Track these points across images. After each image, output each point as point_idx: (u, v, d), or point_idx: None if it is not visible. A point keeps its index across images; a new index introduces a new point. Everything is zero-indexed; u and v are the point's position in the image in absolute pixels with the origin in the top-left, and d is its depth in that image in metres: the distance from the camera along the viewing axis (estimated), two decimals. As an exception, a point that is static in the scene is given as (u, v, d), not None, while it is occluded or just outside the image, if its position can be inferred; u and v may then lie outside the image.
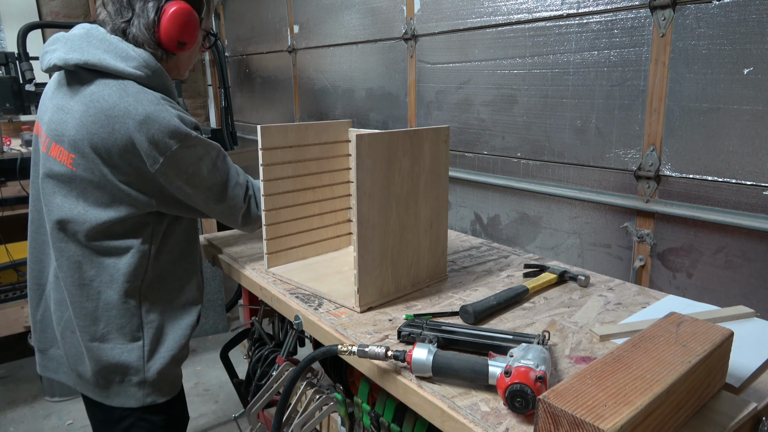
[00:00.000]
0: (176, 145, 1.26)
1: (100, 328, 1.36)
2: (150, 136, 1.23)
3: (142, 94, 1.25)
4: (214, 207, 1.42)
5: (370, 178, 1.24)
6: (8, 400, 2.99)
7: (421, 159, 1.35)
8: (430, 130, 1.36)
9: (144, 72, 1.27)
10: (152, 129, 1.23)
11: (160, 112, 1.24)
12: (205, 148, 1.33)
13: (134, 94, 1.24)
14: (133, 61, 1.26)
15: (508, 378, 0.87)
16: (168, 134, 1.25)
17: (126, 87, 1.25)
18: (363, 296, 1.29)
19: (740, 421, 0.87)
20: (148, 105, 1.24)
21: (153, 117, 1.23)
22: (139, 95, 1.25)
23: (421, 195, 1.38)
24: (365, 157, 1.21)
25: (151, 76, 1.29)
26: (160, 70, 1.30)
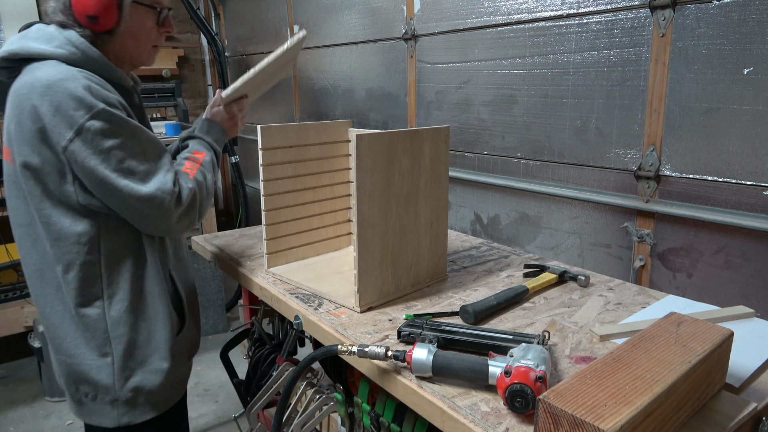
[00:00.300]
0: (83, 117, 1.12)
1: (67, 340, 1.28)
2: (54, 105, 1.12)
3: (56, 68, 1.16)
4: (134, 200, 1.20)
5: (370, 178, 1.24)
6: (8, 400, 2.98)
7: (421, 159, 1.35)
8: (430, 130, 1.36)
9: (67, 50, 1.18)
10: (56, 97, 1.12)
11: (66, 81, 1.13)
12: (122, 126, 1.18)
13: (45, 68, 1.15)
14: (55, 40, 1.19)
15: (508, 378, 0.87)
16: (73, 104, 1.12)
17: (42, 65, 1.17)
18: (363, 296, 1.29)
19: (740, 421, 0.87)
20: (54, 75, 1.14)
21: (57, 85, 1.12)
22: (50, 68, 1.15)
23: (421, 195, 1.38)
24: (365, 157, 1.21)
25: (78, 56, 1.20)
26: (90, 50, 1.21)
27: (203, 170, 1.35)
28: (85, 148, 1.14)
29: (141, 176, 1.20)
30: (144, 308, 1.32)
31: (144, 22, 1.29)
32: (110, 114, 1.15)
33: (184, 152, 1.38)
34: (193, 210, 1.29)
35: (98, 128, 1.14)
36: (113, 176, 1.17)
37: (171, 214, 1.24)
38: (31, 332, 3.03)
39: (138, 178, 1.20)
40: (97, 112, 1.13)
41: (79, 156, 1.14)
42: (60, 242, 1.23)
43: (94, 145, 1.14)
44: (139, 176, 1.20)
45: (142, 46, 1.32)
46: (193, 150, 1.39)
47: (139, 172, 1.20)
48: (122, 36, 1.27)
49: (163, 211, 1.22)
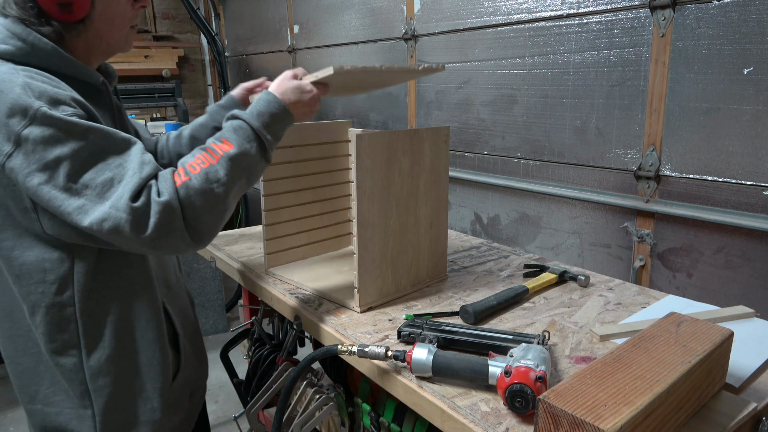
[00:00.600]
0: (19, 125, 0.90)
1: (44, 386, 1.09)
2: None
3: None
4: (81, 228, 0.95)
5: (370, 178, 1.24)
6: (8, 400, 2.98)
7: (421, 159, 1.35)
8: (430, 130, 1.36)
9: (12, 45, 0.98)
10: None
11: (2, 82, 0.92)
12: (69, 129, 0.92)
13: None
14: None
15: (508, 378, 0.87)
16: (6, 110, 0.90)
17: None
18: (363, 296, 1.29)
19: (740, 421, 0.87)
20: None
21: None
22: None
23: (421, 195, 1.38)
24: (365, 157, 1.21)
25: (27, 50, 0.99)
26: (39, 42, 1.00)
27: (215, 170, 1.00)
28: (27, 163, 0.91)
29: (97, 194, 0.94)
30: (131, 355, 1.12)
31: (119, 1, 1.07)
32: (49, 117, 0.91)
33: (212, 138, 1.07)
34: (174, 230, 0.96)
35: (38, 136, 0.90)
36: (62, 196, 0.92)
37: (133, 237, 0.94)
38: (31, 332, 3.03)
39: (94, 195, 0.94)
40: (33, 115, 0.90)
41: (20, 174, 0.92)
42: (23, 280, 1.04)
43: (36, 158, 0.91)
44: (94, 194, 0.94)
45: (119, 29, 1.10)
46: (223, 137, 1.05)
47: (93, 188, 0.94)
48: (96, 22, 1.06)
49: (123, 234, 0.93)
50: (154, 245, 0.96)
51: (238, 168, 1.03)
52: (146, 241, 0.94)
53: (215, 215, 1.01)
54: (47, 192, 0.92)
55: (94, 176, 0.93)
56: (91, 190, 0.93)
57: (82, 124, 0.93)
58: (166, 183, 0.97)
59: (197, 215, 0.98)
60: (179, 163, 1.02)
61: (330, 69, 1.09)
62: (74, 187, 0.92)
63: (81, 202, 0.92)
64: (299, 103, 1.12)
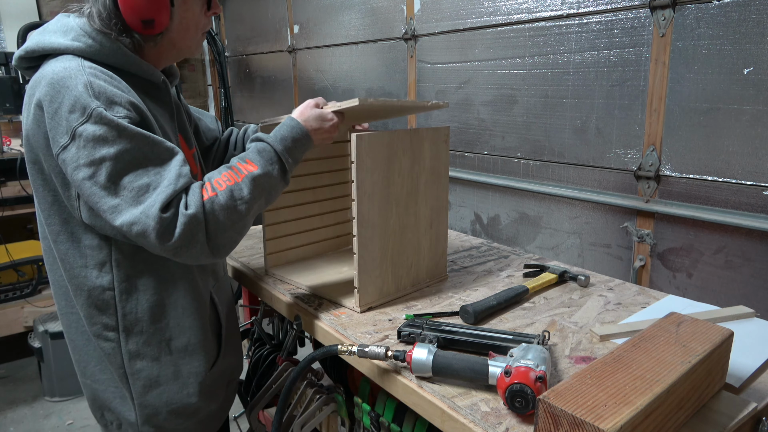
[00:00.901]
0: (77, 121, 0.97)
1: (92, 364, 1.18)
2: (54, 106, 0.99)
3: (65, 62, 1.02)
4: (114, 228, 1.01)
5: (370, 178, 1.24)
6: (8, 400, 2.98)
7: (421, 159, 1.35)
8: (430, 130, 1.36)
9: (84, 42, 1.05)
10: (57, 97, 0.99)
11: (68, 78, 0.99)
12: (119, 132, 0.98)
13: (56, 63, 1.03)
14: (71, 32, 1.06)
15: (508, 378, 0.87)
16: (69, 105, 0.98)
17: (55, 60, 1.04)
18: (363, 296, 1.29)
19: (740, 421, 0.87)
20: (60, 71, 1.00)
21: (59, 83, 0.99)
22: (59, 63, 1.02)
23: (421, 195, 1.38)
24: (365, 157, 1.21)
25: (96, 48, 1.06)
26: (103, 37, 1.06)
27: (239, 188, 1.06)
28: (77, 157, 0.98)
29: (132, 197, 0.99)
30: (168, 341, 1.17)
31: (194, 11, 1.14)
32: (103, 117, 0.97)
33: (237, 158, 1.13)
34: (195, 242, 1.01)
35: (90, 134, 0.97)
36: (101, 193, 0.99)
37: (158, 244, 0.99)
38: (31, 332, 3.03)
39: (129, 198, 0.99)
40: (90, 114, 0.97)
41: (70, 166, 0.99)
42: (65, 264, 1.12)
43: (84, 154, 0.98)
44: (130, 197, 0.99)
45: (192, 36, 1.17)
46: (248, 157, 1.11)
47: (130, 191, 0.99)
48: (173, 32, 1.13)
49: (148, 239, 0.99)
50: (176, 253, 1.02)
51: (260, 188, 1.09)
52: (169, 249, 1.01)
53: (235, 231, 1.07)
54: (89, 187, 0.99)
55: (132, 180, 1.00)
56: (128, 192, 0.99)
57: (131, 130, 1.00)
58: (195, 196, 1.02)
59: (219, 229, 1.04)
60: (206, 178, 1.08)
61: (355, 100, 1.16)
62: (113, 187, 0.99)
63: (116, 201, 0.99)
64: (320, 130, 1.19)
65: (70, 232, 1.10)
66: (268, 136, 1.15)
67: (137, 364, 1.15)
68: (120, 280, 1.11)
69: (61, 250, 1.11)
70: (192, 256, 1.04)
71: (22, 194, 2.97)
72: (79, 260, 1.10)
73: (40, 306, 3.07)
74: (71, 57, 1.04)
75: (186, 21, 1.14)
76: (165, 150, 1.04)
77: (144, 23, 1.07)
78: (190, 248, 1.02)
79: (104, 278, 1.11)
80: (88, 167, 0.98)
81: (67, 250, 1.11)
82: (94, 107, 0.97)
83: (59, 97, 0.99)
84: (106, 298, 1.11)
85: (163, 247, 1.00)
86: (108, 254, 1.10)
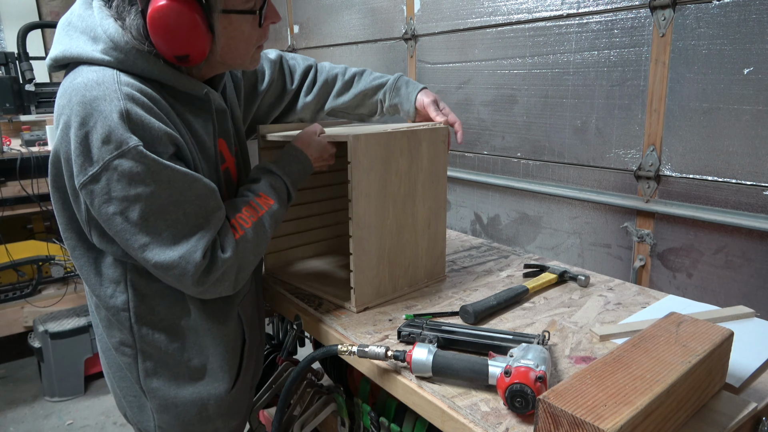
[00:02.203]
0: (111, 154, 0.90)
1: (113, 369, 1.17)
2: (83, 131, 0.91)
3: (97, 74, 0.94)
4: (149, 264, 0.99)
5: (367, 178, 1.24)
6: (8, 400, 2.98)
7: (419, 159, 1.35)
8: (428, 130, 1.36)
9: (113, 56, 0.96)
10: (87, 121, 0.90)
11: (101, 100, 0.90)
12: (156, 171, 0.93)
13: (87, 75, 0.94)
14: (100, 42, 0.96)
15: (508, 378, 0.87)
16: (102, 135, 0.90)
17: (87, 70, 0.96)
18: (359, 296, 1.29)
19: (740, 421, 0.87)
20: (92, 88, 0.92)
21: (91, 105, 0.91)
22: (92, 75, 0.93)
23: (419, 195, 1.37)
24: (361, 158, 1.21)
25: (124, 60, 0.96)
26: (136, 52, 0.97)
27: (262, 224, 1.08)
28: (106, 190, 0.92)
29: (166, 238, 0.96)
30: (188, 362, 1.12)
31: (242, 29, 1.03)
32: (143, 156, 0.91)
33: (250, 192, 1.11)
34: (225, 281, 1.02)
35: (126, 170, 0.91)
36: (132, 230, 0.95)
37: (192, 285, 0.99)
38: (31, 332, 3.03)
39: (162, 238, 0.96)
40: (128, 150, 0.90)
41: (97, 199, 0.93)
42: (84, 278, 1.09)
43: (117, 188, 0.92)
44: (163, 237, 0.96)
45: (243, 54, 1.08)
46: (262, 192, 1.11)
47: (164, 231, 0.96)
48: (219, 55, 1.05)
49: (183, 283, 0.99)
50: (203, 293, 1.03)
51: (276, 221, 1.13)
52: (197, 290, 1.01)
53: (255, 264, 1.11)
54: (119, 222, 0.95)
55: (169, 221, 0.96)
56: (164, 233, 0.96)
57: (170, 169, 0.95)
58: (228, 238, 1.03)
59: (245, 266, 1.06)
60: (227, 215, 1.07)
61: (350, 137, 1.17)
62: (146, 226, 0.95)
63: (148, 240, 0.96)
64: (319, 159, 1.26)
65: (86, 248, 1.08)
66: (279, 169, 1.18)
67: (153, 383, 1.12)
68: (136, 302, 1.08)
69: (78, 265, 1.09)
70: (216, 293, 1.05)
71: (22, 194, 2.97)
72: (95, 278, 1.08)
73: (40, 306, 3.07)
74: (104, 68, 0.96)
75: (235, 41, 1.04)
76: (203, 188, 1.00)
77: (178, 59, 0.99)
78: (218, 287, 1.03)
79: (119, 298, 1.07)
80: (120, 202, 0.93)
81: (82, 266, 1.09)
82: (132, 145, 0.91)
83: (90, 120, 0.91)
84: (121, 319, 1.08)
85: (193, 289, 1.01)
86: (123, 273, 1.07)
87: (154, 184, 0.93)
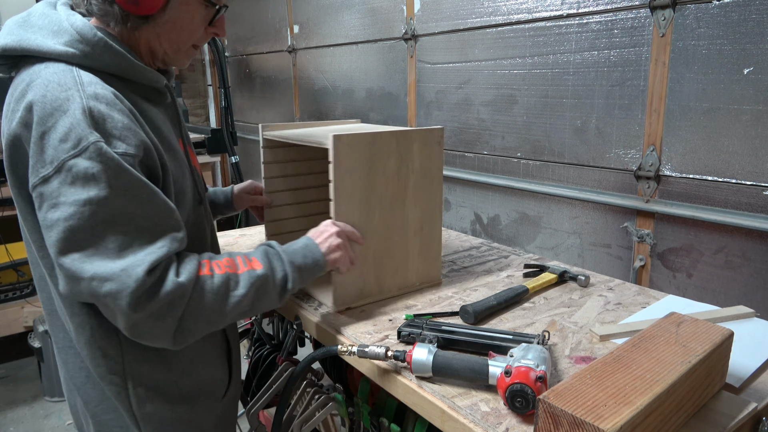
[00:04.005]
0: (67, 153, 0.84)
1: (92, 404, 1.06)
2: (41, 129, 0.85)
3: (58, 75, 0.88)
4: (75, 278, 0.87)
5: (350, 178, 1.22)
6: (8, 400, 2.98)
7: (410, 161, 1.33)
8: (420, 131, 1.33)
9: (78, 48, 0.91)
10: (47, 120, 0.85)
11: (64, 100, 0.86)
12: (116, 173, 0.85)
13: (47, 76, 0.88)
14: (64, 35, 0.91)
15: (508, 378, 0.87)
16: (61, 133, 0.84)
17: (44, 69, 0.90)
18: (340, 296, 1.27)
19: (740, 421, 0.87)
20: (53, 87, 0.86)
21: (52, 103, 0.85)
22: (53, 76, 0.88)
23: (410, 197, 1.35)
24: (343, 158, 1.20)
25: (89, 53, 0.92)
26: (103, 44, 0.93)
27: (237, 281, 0.97)
28: (58, 193, 0.84)
29: (111, 249, 0.86)
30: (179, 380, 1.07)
31: (192, 16, 1.02)
32: (102, 153, 0.84)
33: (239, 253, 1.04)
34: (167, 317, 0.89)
35: (81, 170, 0.84)
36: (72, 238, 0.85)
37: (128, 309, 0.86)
38: (31, 332, 3.03)
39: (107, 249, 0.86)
40: (86, 147, 0.84)
41: (47, 201, 0.85)
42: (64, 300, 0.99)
43: (70, 191, 0.84)
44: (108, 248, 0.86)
45: (182, 42, 1.05)
46: (253, 255, 1.03)
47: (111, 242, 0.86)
48: (161, 26, 1.00)
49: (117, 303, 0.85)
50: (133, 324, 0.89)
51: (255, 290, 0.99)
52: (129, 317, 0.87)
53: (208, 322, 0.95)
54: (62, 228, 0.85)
55: (118, 230, 0.87)
56: (109, 243, 0.86)
57: (129, 174, 0.87)
58: (191, 267, 0.92)
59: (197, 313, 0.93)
60: (206, 255, 0.99)
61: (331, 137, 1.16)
62: (91, 233, 0.85)
63: (90, 251, 0.85)
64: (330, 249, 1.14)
65: None
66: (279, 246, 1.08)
67: (147, 408, 1.04)
68: None
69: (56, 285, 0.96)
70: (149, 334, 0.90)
71: (22, 194, 2.97)
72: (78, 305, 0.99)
73: (39, 306, 3.07)
74: (64, 66, 0.91)
75: (180, 22, 1.01)
76: (163, 204, 0.92)
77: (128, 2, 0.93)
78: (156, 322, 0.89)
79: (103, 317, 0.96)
80: (68, 207, 0.84)
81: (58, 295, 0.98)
82: (92, 141, 0.84)
83: (51, 119, 0.85)
84: (112, 339, 1.00)
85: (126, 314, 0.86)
86: None
87: (108, 189, 0.85)
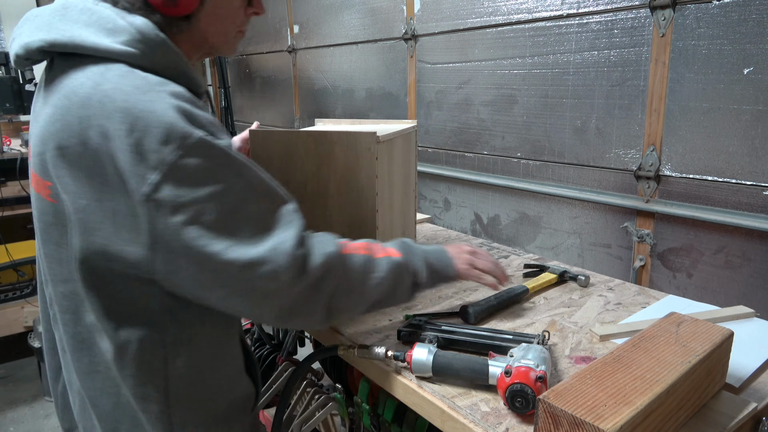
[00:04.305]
0: (173, 154, 0.78)
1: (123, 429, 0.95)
2: (133, 140, 0.78)
3: (128, 78, 0.82)
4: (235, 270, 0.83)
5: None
6: (8, 400, 2.98)
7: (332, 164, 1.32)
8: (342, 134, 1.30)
9: (138, 48, 0.85)
10: (138, 125, 0.78)
11: (148, 102, 0.79)
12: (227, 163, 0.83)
13: (116, 80, 0.81)
14: (122, 34, 0.84)
15: (508, 378, 0.87)
16: (160, 135, 0.78)
17: (107, 72, 0.82)
18: None
19: (740, 421, 0.87)
20: (130, 90, 0.80)
21: (137, 107, 0.78)
22: (123, 80, 0.81)
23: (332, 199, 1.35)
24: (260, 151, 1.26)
25: (149, 54, 0.86)
26: (164, 45, 0.88)
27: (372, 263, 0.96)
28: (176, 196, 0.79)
29: (248, 234, 0.84)
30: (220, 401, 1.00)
31: (231, 1, 0.98)
32: (210, 147, 0.81)
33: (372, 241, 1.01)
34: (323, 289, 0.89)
35: (193, 167, 0.80)
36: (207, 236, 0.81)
37: (287, 287, 0.85)
38: (31, 332, 3.03)
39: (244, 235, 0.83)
40: (194, 144, 0.80)
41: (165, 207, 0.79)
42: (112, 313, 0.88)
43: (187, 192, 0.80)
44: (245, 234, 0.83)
45: (228, 32, 1.01)
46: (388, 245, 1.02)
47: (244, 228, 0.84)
48: (202, 21, 0.95)
49: (276, 282, 0.84)
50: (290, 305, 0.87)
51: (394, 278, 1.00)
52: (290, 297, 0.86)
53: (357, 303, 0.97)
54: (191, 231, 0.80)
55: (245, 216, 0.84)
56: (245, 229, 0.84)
57: (237, 158, 0.85)
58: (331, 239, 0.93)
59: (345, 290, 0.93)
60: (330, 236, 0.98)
61: None
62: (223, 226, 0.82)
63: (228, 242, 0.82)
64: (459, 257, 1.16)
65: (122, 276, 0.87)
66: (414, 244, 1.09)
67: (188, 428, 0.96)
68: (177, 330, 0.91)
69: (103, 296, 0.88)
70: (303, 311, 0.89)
71: (22, 194, 2.98)
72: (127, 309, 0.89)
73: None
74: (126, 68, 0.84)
75: (221, 11, 0.97)
76: (270, 179, 0.90)
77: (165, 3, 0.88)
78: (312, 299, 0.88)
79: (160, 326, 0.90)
80: (190, 207, 0.80)
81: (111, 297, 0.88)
82: (199, 135, 0.80)
83: (140, 123, 0.78)
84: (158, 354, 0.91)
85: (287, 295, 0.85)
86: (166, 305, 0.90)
87: (225, 179, 0.83)
